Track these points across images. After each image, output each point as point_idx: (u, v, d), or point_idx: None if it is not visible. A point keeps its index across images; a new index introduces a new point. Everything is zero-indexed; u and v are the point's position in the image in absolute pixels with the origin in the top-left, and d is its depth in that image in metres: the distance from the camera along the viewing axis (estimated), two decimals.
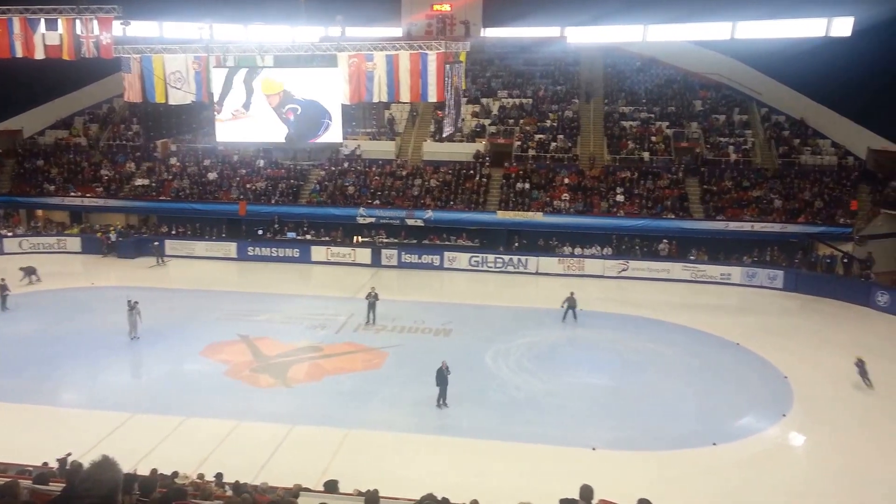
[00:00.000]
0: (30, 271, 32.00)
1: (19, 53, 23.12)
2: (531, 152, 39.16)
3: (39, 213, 40.57)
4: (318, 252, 36.35)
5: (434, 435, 18.99)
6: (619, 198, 36.11)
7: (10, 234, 38.42)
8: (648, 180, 36.80)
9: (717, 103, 41.44)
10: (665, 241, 35.01)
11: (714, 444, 18.40)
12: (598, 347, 25.88)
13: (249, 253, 36.77)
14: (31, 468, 13.46)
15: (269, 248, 36.86)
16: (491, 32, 45.04)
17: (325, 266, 36.05)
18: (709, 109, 41.04)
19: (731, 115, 40.44)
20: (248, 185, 39.15)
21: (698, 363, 24.22)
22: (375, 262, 35.75)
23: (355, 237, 36.74)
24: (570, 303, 27.84)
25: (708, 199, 35.68)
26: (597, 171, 37.76)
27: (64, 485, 8.52)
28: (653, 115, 40.62)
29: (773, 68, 39.49)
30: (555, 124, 40.74)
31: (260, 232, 37.67)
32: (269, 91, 23.04)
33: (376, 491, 9.56)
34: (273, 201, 38.27)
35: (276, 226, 37.60)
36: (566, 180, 37.24)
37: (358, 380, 22.58)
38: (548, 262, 34.67)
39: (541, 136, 40.01)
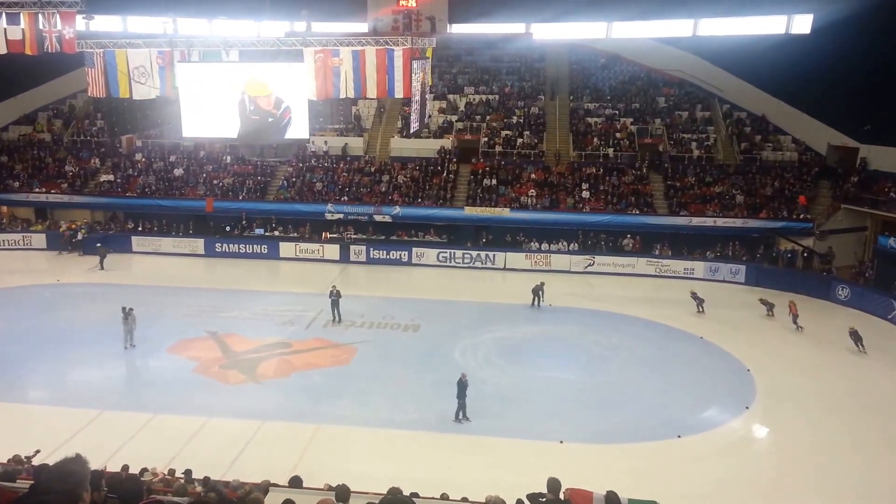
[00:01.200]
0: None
1: None
2: (498, 148, 39.50)
3: (3, 209, 39.83)
4: (286, 248, 36.36)
5: (403, 430, 19.20)
6: (585, 194, 36.60)
7: None
8: (613, 176, 37.32)
9: (680, 100, 42.13)
10: (629, 236, 35.57)
11: (679, 436, 18.86)
12: (564, 342, 26.29)
13: (217, 249, 36.58)
14: None
15: (236, 245, 36.74)
16: (457, 28, 45.15)
17: (293, 262, 36.05)
18: (672, 106, 41.72)
19: (693, 111, 41.17)
20: (215, 182, 38.95)
21: (663, 357, 24.76)
22: (344, 259, 35.82)
23: (324, 233, 36.75)
24: (536, 290, 29.11)
25: (671, 195, 36.30)
26: (563, 167, 38.23)
27: (31, 482, 8.60)
28: (617, 112, 41.18)
29: (735, 65, 40.13)
30: (521, 120, 41.13)
31: (227, 228, 37.51)
32: (255, 93, 23.01)
33: (346, 486, 9.71)
34: (240, 197, 38.13)
35: (243, 222, 37.47)
36: (532, 176, 37.65)
37: (327, 375, 22.72)
38: (515, 258, 35.06)
39: (507, 132, 40.37)
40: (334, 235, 36.67)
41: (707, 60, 41.49)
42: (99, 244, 35.26)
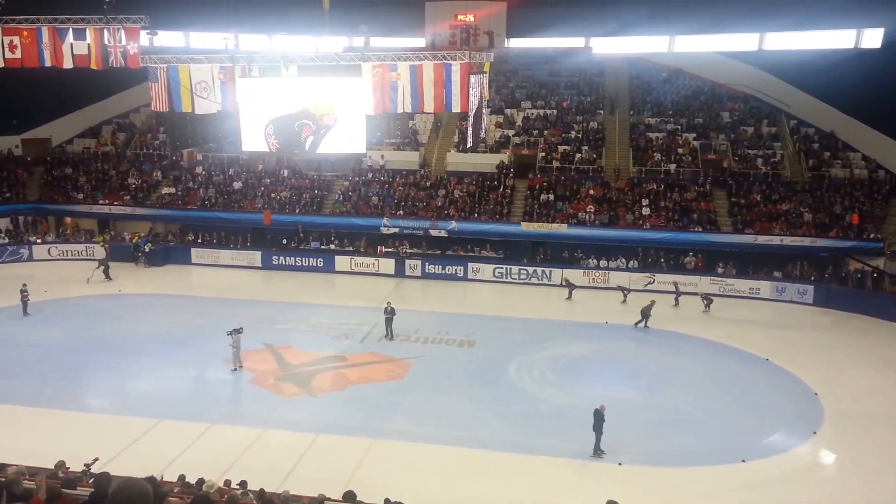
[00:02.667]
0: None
1: (48, 62, 23.58)
2: (555, 164, 38.96)
3: (68, 220, 40.94)
4: (342, 262, 36.34)
5: (457, 447, 18.80)
6: (645, 210, 35.76)
7: (38, 240, 38.80)
8: (675, 192, 36.42)
9: (745, 115, 41.01)
10: (692, 254, 34.57)
11: (743, 461, 18.05)
12: (624, 361, 25.48)
13: (274, 262, 36.80)
14: (61, 473, 13.51)
15: (293, 258, 36.89)
16: (515, 43, 45.02)
17: (348, 276, 36.00)
18: (737, 121, 40.63)
19: (759, 127, 40.00)
20: (272, 195, 39.29)
21: (726, 378, 23.81)
22: (399, 273, 35.64)
23: (379, 247, 36.66)
24: (646, 311, 28.37)
25: (736, 212, 35.22)
26: (622, 182, 37.47)
27: (92, 490, 8.54)
28: (679, 127, 40.27)
29: (802, 80, 38.99)
30: (579, 135, 40.53)
31: (284, 241, 37.74)
32: (320, 112, 23.26)
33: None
34: (297, 211, 38.35)
35: (300, 235, 37.63)
36: (591, 192, 36.98)
37: (381, 390, 22.51)
38: (573, 275, 34.30)
39: (565, 147, 39.81)
40: (390, 250, 36.54)
41: (773, 75, 40.37)
42: (101, 256, 35.32)
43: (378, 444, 18.87)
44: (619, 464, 17.80)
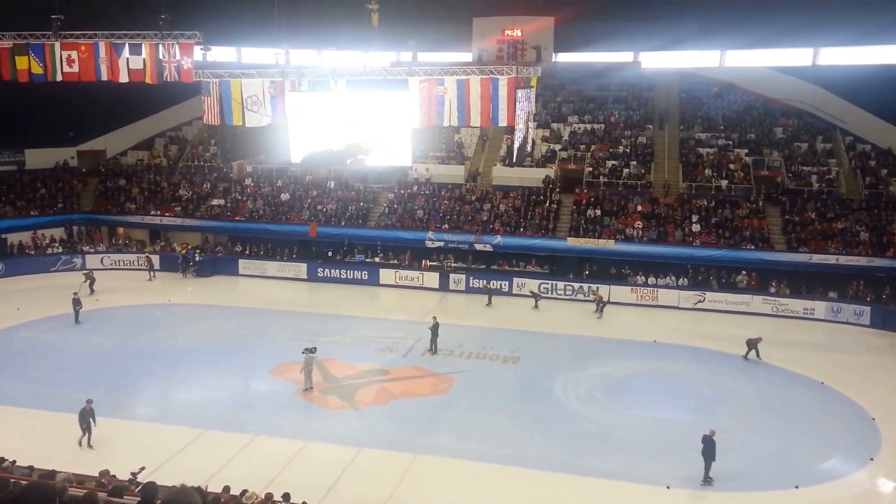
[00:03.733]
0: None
1: (105, 77, 24.15)
2: (602, 179, 38.52)
3: (120, 230, 41.78)
4: (386, 275, 36.32)
5: (500, 465, 18.62)
6: (695, 227, 35.08)
7: (91, 250, 39.65)
8: (726, 209, 35.69)
9: (798, 131, 40.11)
10: (743, 272, 33.76)
11: (797, 487, 17.55)
12: (672, 381, 24.89)
13: (319, 274, 36.97)
14: (105, 481, 13.65)
15: (338, 270, 37.01)
16: (563, 57, 44.88)
17: (393, 289, 35.94)
18: (790, 137, 39.75)
19: (813, 143, 39.05)
20: (318, 207, 39.57)
21: (780, 401, 23.12)
22: (443, 287, 35.49)
23: (424, 261, 36.59)
24: (752, 343, 26.65)
25: (790, 230, 34.35)
26: (671, 198, 36.86)
27: (139, 499, 8.54)
28: (731, 142, 39.54)
29: (859, 96, 38.17)
30: (627, 150, 40.05)
31: (330, 253, 37.94)
32: (367, 145, 24.00)
33: None
34: (343, 223, 38.54)
35: (345, 248, 37.81)
36: (639, 207, 36.45)
37: (425, 405, 22.43)
38: (619, 291, 33.78)
39: (613, 162, 39.36)
40: (434, 263, 36.44)
41: (828, 90, 39.52)
42: (85, 271, 34.89)
43: (420, 460, 18.77)
44: (668, 487, 17.42)
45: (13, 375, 24.22)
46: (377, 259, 37.29)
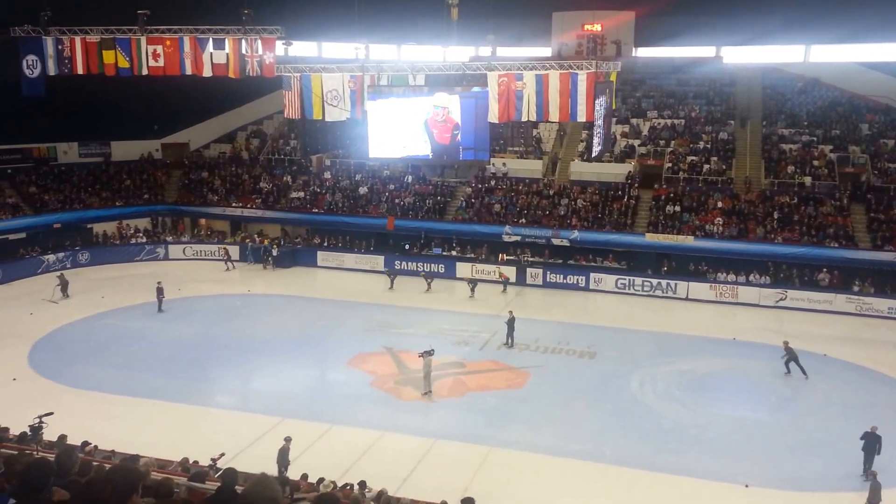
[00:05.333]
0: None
1: (189, 71, 24.83)
2: (682, 174, 38.03)
3: (202, 221, 42.98)
4: (462, 268, 36.57)
5: (576, 459, 18.60)
6: (777, 223, 34.37)
7: (174, 240, 41.05)
8: (809, 206, 34.86)
9: (885, 127, 38.84)
10: (825, 270, 32.93)
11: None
12: (752, 379, 24.46)
13: (396, 267, 37.34)
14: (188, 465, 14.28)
15: (415, 263, 37.40)
16: (643, 52, 44.42)
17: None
18: (876, 133, 38.54)
19: None
20: (396, 200, 40.09)
21: (862, 401, 22.52)
22: (520, 281, 35.56)
23: (500, 255, 36.75)
24: (790, 355, 24.43)
25: (875, 228, 33.35)
26: (753, 194, 36.16)
27: (220, 485, 8.83)
28: (815, 139, 38.55)
29: None
30: (708, 146, 39.42)
31: (407, 246, 38.41)
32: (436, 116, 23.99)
33: None
34: (420, 217, 38.98)
35: (422, 241, 38.25)
36: (720, 204, 35.87)
37: (500, 398, 22.46)
38: (699, 288, 33.38)
39: (693, 157, 38.81)
40: (511, 257, 36.55)
41: None
42: (59, 274, 33.48)
43: (496, 453, 18.81)
44: (746, 486, 17.25)
45: (98, 361, 25.05)
46: (454, 252, 37.60)
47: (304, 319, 30.18)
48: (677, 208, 35.98)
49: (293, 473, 15.26)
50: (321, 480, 14.38)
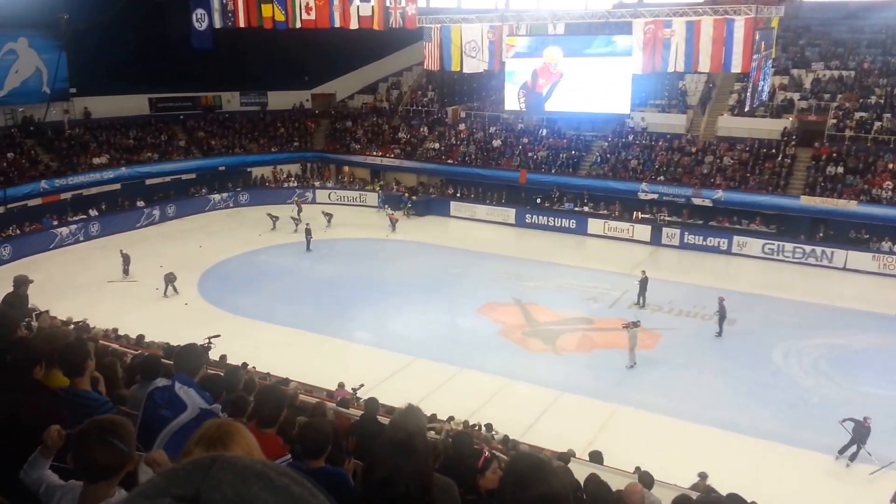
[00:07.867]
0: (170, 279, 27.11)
1: (337, 23, 25.45)
2: (848, 132, 34.31)
3: (346, 169, 44.37)
4: (594, 225, 35.37)
5: (709, 426, 17.82)
6: None
7: (320, 185, 43.17)
8: None
9: None
10: None
11: None
12: None
13: (527, 220, 36.78)
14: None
15: (546, 217, 36.53)
16: None
17: (600, 239, 34.92)
18: None
19: None
20: (529, 154, 39.10)
21: None
22: (655, 241, 33.80)
23: (635, 213, 34.98)
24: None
25: None
26: None
27: (363, 412, 9.42)
28: None
29: None
30: (881, 101, 35.26)
31: (538, 200, 37.46)
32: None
33: (649, 473, 8.97)
34: (553, 171, 37.81)
35: (554, 195, 37.10)
36: (890, 166, 32.11)
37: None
38: (859, 258, 30.19)
39: (862, 114, 34.87)
40: (646, 216, 34.75)
41: None
42: (124, 252, 29.22)
43: (622, 411, 18.62)
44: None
45: (251, 291, 27.35)
46: (586, 208, 36.23)
47: (437, 266, 30.91)
48: (840, 170, 32.58)
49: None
50: (451, 418, 14.81)
